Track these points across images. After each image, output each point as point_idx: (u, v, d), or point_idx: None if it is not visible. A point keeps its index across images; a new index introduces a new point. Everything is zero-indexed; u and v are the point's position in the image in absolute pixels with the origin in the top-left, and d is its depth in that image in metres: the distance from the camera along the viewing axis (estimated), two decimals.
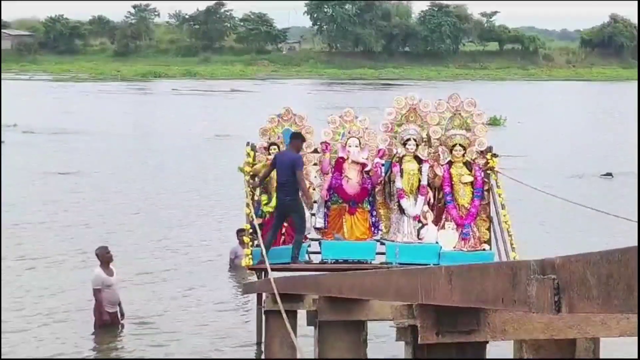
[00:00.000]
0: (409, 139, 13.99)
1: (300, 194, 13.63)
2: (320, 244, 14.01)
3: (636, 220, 13.66)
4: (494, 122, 51.33)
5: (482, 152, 14.19)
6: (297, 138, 13.84)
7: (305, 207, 14.01)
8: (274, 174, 13.92)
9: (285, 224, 13.95)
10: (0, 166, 32.23)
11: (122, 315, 15.85)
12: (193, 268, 20.30)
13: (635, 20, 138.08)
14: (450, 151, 14.04)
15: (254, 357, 14.10)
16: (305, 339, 13.35)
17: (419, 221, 13.95)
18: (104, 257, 15.54)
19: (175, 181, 32.53)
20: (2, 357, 14.44)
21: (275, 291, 11.14)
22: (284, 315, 9.46)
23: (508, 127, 51.56)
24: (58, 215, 26.03)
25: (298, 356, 11.49)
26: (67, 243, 22.36)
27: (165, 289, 18.54)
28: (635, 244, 3.45)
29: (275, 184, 13.89)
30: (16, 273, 19.38)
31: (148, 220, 25.56)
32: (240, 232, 18.00)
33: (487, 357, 7.61)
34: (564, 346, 7.87)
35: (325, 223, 14.08)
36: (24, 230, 23.53)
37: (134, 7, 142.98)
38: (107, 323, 15.54)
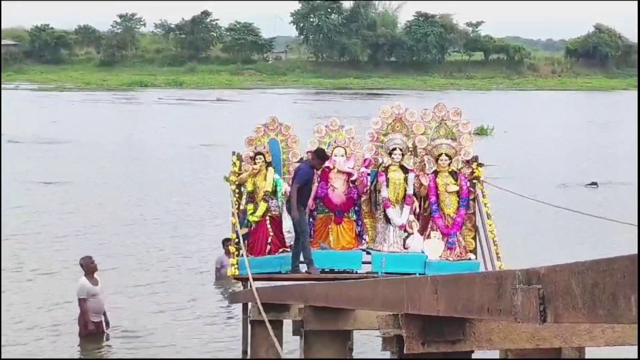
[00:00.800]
0: (394, 149, 14.01)
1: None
2: None
3: (628, 222, 13.73)
4: (481, 132, 51.46)
5: (467, 161, 14.22)
6: (316, 154, 13.73)
7: (288, 217, 14.03)
8: (260, 183, 13.93)
9: (271, 234, 13.94)
10: (0, 174, 32.30)
11: (107, 324, 15.81)
12: (178, 277, 20.25)
13: (620, 30, 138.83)
14: (436, 160, 14.06)
15: (242, 358, 14.05)
16: (291, 348, 13.34)
17: (405, 230, 13.96)
18: (89, 267, 15.49)
19: (160, 191, 32.47)
20: (2, 357, 14.41)
21: (258, 302, 11.13)
22: (268, 325, 9.45)
23: (495, 137, 51.67)
24: (43, 225, 25.93)
25: None
26: (52, 253, 22.28)
27: (150, 299, 18.49)
28: (622, 253, 3.45)
29: (261, 194, 13.91)
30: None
31: (133, 229, 25.50)
32: (226, 242, 17.99)
33: None
34: (550, 355, 7.87)
35: (311, 233, 14.08)
36: (6, 240, 23.40)
37: (120, 16, 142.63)
38: (92, 332, 15.50)
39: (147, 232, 25.15)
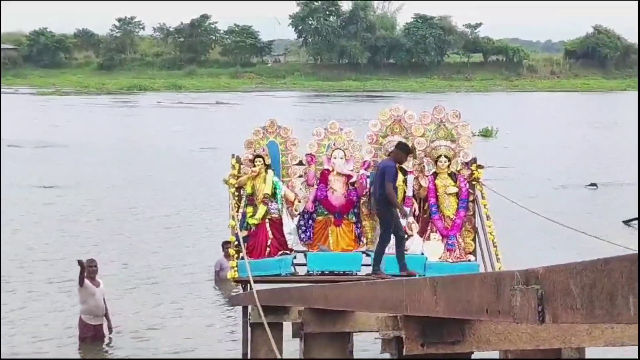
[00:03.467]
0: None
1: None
2: (305, 255, 14.00)
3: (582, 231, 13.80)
4: (486, 134, 51.57)
5: (466, 163, 14.22)
6: (399, 148, 13.44)
7: (291, 219, 14.03)
8: (260, 186, 13.94)
9: (270, 237, 13.94)
10: (0, 181, 32.30)
11: (110, 329, 15.79)
12: (178, 280, 20.26)
13: (618, 31, 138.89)
14: (435, 162, 14.06)
15: (243, 359, 14.05)
16: (291, 350, 13.34)
17: (404, 232, 13.95)
18: (88, 271, 15.47)
19: (159, 194, 32.48)
20: (2, 357, 14.42)
21: (258, 304, 11.13)
22: (267, 328, 9.45)
23: (500, 139, 51.71)
24: (41, 228, 25.94)
25: None
26: (50, 256, 22.28)
27: (150, 302, 18.50)
28: (616, 254, 3.46)
29: (261, 197, 13.92)
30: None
31: (133, 233, 25.51)
32: (225, 245, 18.00)
33: None
34: (549, 356, 7.87)
35: (310, 235, 14.08)
36: (6, 245, 23.40)
37: (119, 20, 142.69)
38: (92, 335, 15.47)
39: (146, 235, 25.15)
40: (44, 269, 21.01)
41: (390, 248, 13.80)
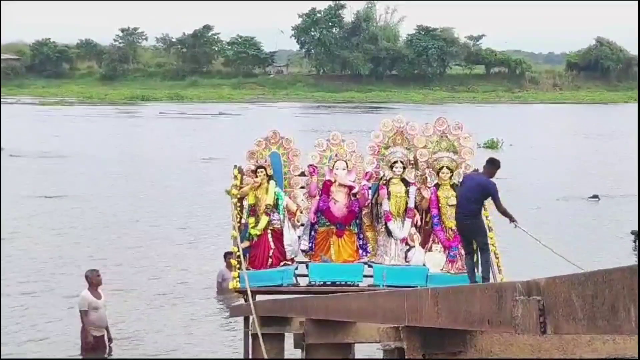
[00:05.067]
0: (396, 162, 14.02)
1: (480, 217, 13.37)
2: (307, 266, 13.99)
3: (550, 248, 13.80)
4: (491, 145, 51.58)
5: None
6: (493, 164, 13.54)
7: (294, 229, 14.05)
8: (262, 196, 13.93)
9: (272, 247, 13.93)
10: (0, 190, 32.30)
11: (110, 339, 15.79)
12: (180, 291, 20.25)
13: (621, 43, 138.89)
14: (438, 174, 14.06)
15: (243, 358, 14.04)
16: None
17: (406, 244, 13.95)
18: (94, 280, 15.47)
19: (162, 204, 32.49)
20: (2, 357, 14.42)
21: (254, 315, 11.14)
22: (261, 340, 9.45)
23: (505, 150, 51.69)
24: (44, 239, 25.95)
25: None
26: (52, 266, 22.29)
27: (152, 312, 18.50)
28: (617, 265, 3.46)
29: (263, 207, 13.90)
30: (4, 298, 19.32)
31: (135, 243, 25.50)
32: (227, 255, 17.99)
33: None
34: None
35: (312, 245, 14.08)
36: (8, 256, 23.41)
37: (122, 30, 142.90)
38: (94, 346, 15.47)
39: (148, 245, 25.15)
40: (46, 278, 21.00)
41: (393, 259, 13.80)
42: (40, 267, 22.31)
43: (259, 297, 13.28)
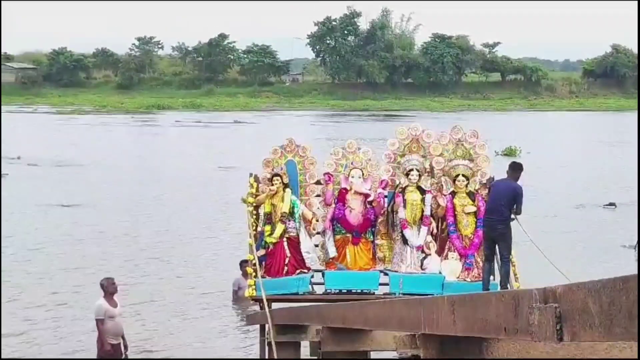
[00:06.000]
0: (411, 170, 14.01)
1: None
2: (323, 274, 13.99)
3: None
4: (510, 153, 51.51)
5: (484, 183, 14.20)
6: (517, 169, 14.03)
7: (309, 238, 14.05)
8: (278, 205, 13.93)
9: (288, 255, 13.93)
10: (0, 199, 32.31)
11: (126, 347, 15.81)
12: (196, 299, 20.28)
13: (637, 50, 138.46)
14: (453, 181, 14.05)
15: (249, 359, 14.06)
16: None
17: (422, 251, 13.94)
18: (110, 288, 15.49)
19: (178, 212, 32.54)
20: (2, 357, 14.44)
21: (270, 323, 11.13)
22: (274, 347, 9.44)
23: (523, 158, 51.59)
24: (60, 247, 26.02)
25: None
26: (68, 275, 22.35)
27: (168, 320, 18.53)
28: (633, 272, 3.45)
29: (279, 216, 13.91)
30: (19, 305, 19.37)
31: (152, 251, 25.55)
32: (243, 264, 18.00)
33: None
34: None
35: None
36: (27, 263, 23.50)
37: (138, 39, 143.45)
38: (110, 354, 15.49)
39: (164, 254, 25.19)
40: (61, 287, 21.06)
41: (409, 267, 13.78)
42: (55, 275, 22.37)
43: (274, 305, 13.28)
